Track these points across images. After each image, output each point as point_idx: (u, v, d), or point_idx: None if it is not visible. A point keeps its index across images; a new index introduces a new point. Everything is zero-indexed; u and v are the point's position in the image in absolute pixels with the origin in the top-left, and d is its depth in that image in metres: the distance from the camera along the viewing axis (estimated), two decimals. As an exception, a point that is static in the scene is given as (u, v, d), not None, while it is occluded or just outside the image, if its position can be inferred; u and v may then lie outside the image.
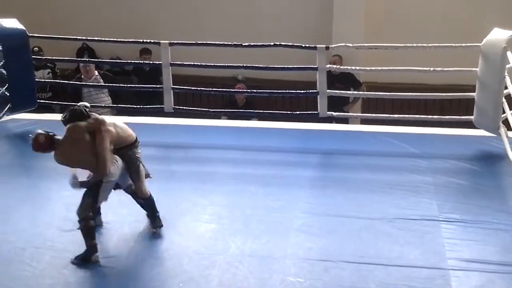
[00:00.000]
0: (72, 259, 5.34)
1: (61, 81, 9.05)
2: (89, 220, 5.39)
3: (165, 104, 8.12)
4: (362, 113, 9.05)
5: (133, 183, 5.72)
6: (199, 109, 8.29)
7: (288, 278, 5.14)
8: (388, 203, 6.16)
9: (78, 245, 5.59)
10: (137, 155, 5.66)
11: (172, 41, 8.02)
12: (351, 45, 7.93)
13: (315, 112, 7.98)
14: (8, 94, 7.84)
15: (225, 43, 8.12)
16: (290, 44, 8.01)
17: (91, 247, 5.36)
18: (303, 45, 7.97)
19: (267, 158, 7.15)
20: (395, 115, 7.87)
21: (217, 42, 8.16)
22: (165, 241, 5.67)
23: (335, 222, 5.90)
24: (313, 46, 7.89)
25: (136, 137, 5.72)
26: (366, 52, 8.96)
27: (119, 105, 8.60)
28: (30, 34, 7.84)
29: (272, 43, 7.98)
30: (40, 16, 9.94)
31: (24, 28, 7.78)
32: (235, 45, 8.09)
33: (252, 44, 8.11)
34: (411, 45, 7.83)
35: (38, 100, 8.12)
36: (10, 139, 7.67)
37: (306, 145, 7.44)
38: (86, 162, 5.37)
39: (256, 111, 8.36)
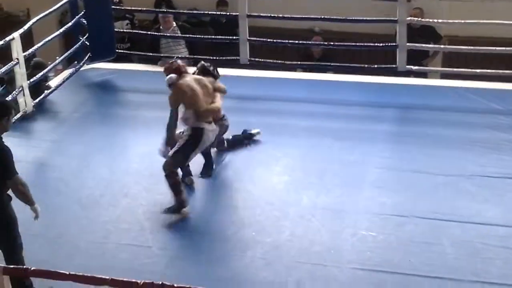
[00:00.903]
0: (164, 210, 5.42)
1: (140, 31, 9.13)
2: (176, 175, 5.47)
3: (241, 55, 8.09)
4: (442, 68, 8.76)
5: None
6: (274, 61, 8.22)
7: (360, 232, 5.12)
8: (467, 160, 6.00)
9: (153, 193, 5.73)
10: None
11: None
12: (433, -4, 7.66)
13: (394, 66, 7.79)
14: (88, 44, 7.97)
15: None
16: (369, -5, 7.81)
17: (181, 202, 5.41)
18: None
19: (343, 111, 7.05)
20: (477, 70, 7.58)
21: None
22: (239, 191, 5.72)
23: (410, 177, 5.80)
24: (394, -3, 7.66)
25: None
26: (448, 4, 8.64)
27: (195, 56, 8.62)
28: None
29: (350, -6, 7.81)
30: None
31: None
32: (314, -3, 7.96)
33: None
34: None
35: (117, 51, 8.22)
36: (89, 88, 7.81)
37: (383, 99, 7.28)
38: (193, 105, 5.50)
39: (332, 63, 8.23)
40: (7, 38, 6.59)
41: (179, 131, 5.65)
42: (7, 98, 6.48)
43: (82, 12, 7.88)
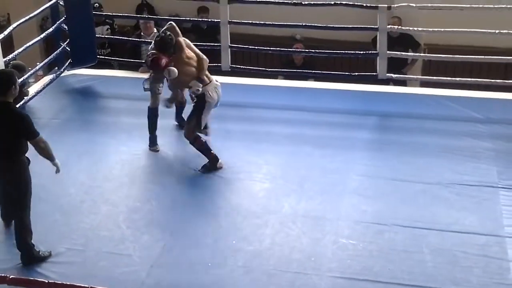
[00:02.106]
0: (198, 170, 6.05)
1: (121, 37, 9.11)
2: (199, 138, 6.08)
3: (222, 62, 8.10)
4: (422, 76, 8.83)
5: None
6: (256, 68, 8.24)
7: (341, 240, 5.14)
8: (445, 168, 6.05)
9: (134, 199, 5.73)
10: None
11: (230, -1, 7.97)
12: (414, 5, 7.72)
13: (374, 73, 7.85)
14: (69, 50, 7.94)
15: (284, 1, 8.01)
16: (351, 3, 7.86)
17: (213, 159, 6.08)
18: (364, 5, 7.80)
19: (324, 119, 7.08)
20: (456, 78, 7.65)
21: (276, 0, 8.06)
22: (219, 199, 5.73)
23: (390, 185, 5.84)
24: (374, 5, 7.72)
25: None
26: (426, 13, 8.72)
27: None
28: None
29: (332, 2, 7.84)
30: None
31: (85, -17, 7.81)
32: (295, 4, 7.98)
33: (311, 3, 7.99)
34: (476, 6, 7.57)
35: (98, 56, 8.20)
36: (69, 94, 7.77)
37: (363, 106, 7.32)
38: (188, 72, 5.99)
39: (313, 71, 8.27)
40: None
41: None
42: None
43: (63, 18, 7.84)
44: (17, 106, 6.83)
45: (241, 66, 8.20)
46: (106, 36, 9.07)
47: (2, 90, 4.74)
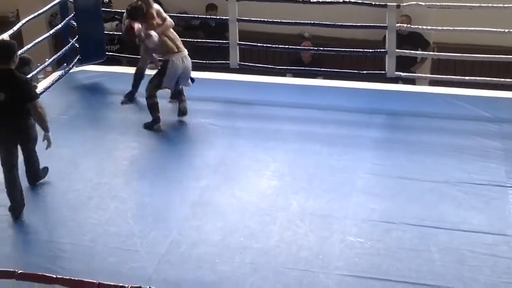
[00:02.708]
0: (143, 125, 6.72)
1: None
2: (154, 97, 6.69)
3: (231, 60, 8.10)
4: (431, 74, 8.80)
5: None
6: (264, 65, 8.24)
7: (348, 238, 5.13)
8: (454, 167, 6.03)
9: (142, 195, 5.74)
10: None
11: (240, -4, 7.97)
12: (423, 3, 7.69)
13: (383, 72, 7.83)
14: (77, 46, 7.94)
15: (293, -2, 8.02)
16: (360, 1, 7.84)
17: (156, 118, 6.71)
18: (373, 3, 7.78)
19: (332, 117, 7.07)
20: (465, 77, 7.62)
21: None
22: (227, 196, 5.72)
23: (398, 184, 5.83)
24: (383, 4, 7.70)
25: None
26: (436, 11, 8.67)
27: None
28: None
29: (340, 0, 7.82)
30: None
31: (95, -21, 7.81)
32: (303, 2, 7.97)
33: (320, 0, 7.97)
34: (486, 5, 7.54)
35: (106, 53, 8.20)
36: (78, 90, 7.78)
37: (372, 105, 7.30)
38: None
39: (322, 69, 8.25)
40: (-4, 38, 6.55)
41: None
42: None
43: (72, 14, 7.85)
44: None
45: (250, 64, 8.20)
46: (115, 33, 9.07)
47: (5, 58, 5.24)
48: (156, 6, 6.96)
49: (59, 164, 6.11)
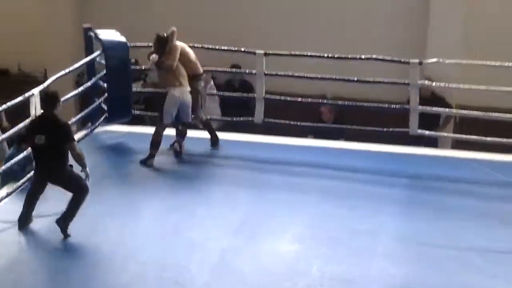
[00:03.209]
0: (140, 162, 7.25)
1: (160, 90, 9.23)
2: (158, 135, 7.29)
3: (256, 114, 8.17)
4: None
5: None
6: (287, 122, 8.30)
7: (369, 305, 5.07)
8: (477, 233, 5.99)
9: (164, 256, 5.73)
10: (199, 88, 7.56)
11: (267, 51, 8.08)
12: (446, 61, 7.73)
13: (406, 129, 7.83)
14: (104, 105, 8.05)
15: (318, 54, 8.10)
16: (382, 57, 7.91)
17: (151, 155, 7.25)
18: (396, 59, 7.85)
19: (354, 179, 7.09)
20: (488, 138, 7.61)
21: (309, 53, 8.15)
22: (248, 259, 5.70)
23: (420, 249, 5.78)
24: (406, 60, 7.76)
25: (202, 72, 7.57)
26: (459, 73, 8.73)
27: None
28: (131, 45, 8.01)
29: (363, 56, 7.90)
30: (134, 26, 10.19)
31: (125, 39, 7.95)
32: (327, 57, 8.07)
33: (343, 56, 8.06)
34: (508, 64, 7.56)
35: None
36: (103, 150, 7.88)
37: (395, 167, 7.32)
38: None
39: (344, 126, 8.29)
40: (27, 94, 6.67)
41: None
42: (18, 157, 6.57)
43: (102, 74, 7.97)
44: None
45: (274, 120, 8.25)
46: (143, 90, 9.18)
47: (51, 105, 5.89)
48: (179, 43, 7.47)
49: (81, 222, 6.14)
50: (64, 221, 5.89)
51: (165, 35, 7.41)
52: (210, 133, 7.80)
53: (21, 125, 6.63)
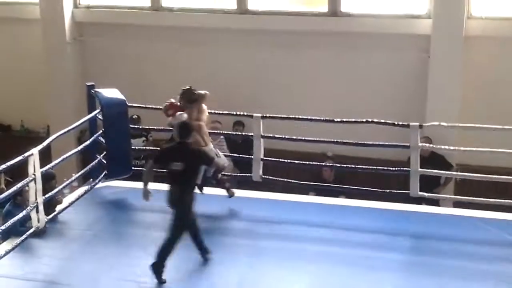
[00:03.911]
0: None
1: (158, 148, 9.27)
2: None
3: (254, 173, 8.20)
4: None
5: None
6: (286, 180, 8.31)
7: None
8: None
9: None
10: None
11: (264, 115, 8.17)
12: (445, 124, 7.80)
13: (406, 191, 7.83)
14: (104, 162, 8.08)
15: (317, 118, 8.18)
16: (383, 121, 7.97)
17: None
18: (396, 123, 7.91)
19: (354, 237, 7.04)
20: (490, 199, 7.60)
21: (308, 117, 8.23)
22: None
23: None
24: (406, 124, 7.82)
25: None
26: (459, 133, 8.80)
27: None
28: (130, 104, 8.12)
29: (364, 120, 7.96)
30: (141, 89, 10.32)
31: (124, 98, 8.06)
32: (327, 121, 8.13)
33: (343, 120, 8.12)
34: (509, 127, 7.61)
35: (133, 168, 8.32)
36: (103, 206, 7.88)
37: (395, 226, 7.27)
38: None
39: (345, 186, 8.30)
40: (26, 154, 6.69)
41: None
42: (18, 214, 6.55)
43: (101, 131, 8.05)
44: (51, 216, 7.03)
45: (272, 177, 8.27)
46: (142, 148, 9.25)
47: (186, 135, 6.31)
48: (204, 106, 7.48)
49: (80, 279, 6.12)
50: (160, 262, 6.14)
51: (197, 92, 7.45)
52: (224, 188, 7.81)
53: (19, 184, 6.61)
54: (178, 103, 7.38)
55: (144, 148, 9.36)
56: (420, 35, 9.64)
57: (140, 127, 9.18)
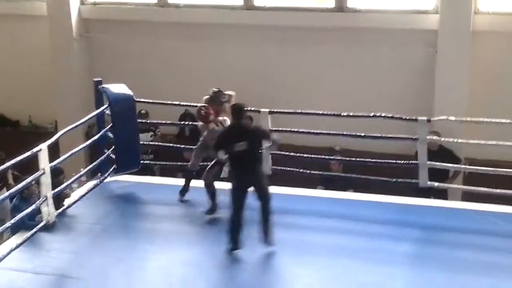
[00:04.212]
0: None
1: (168, 144, 9.33)
2: (213, 185, 7.11)
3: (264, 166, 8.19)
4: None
5: None
6: (294, 169, 8.32)
7: None
8: (488, 285, 5.91)
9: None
10: None
11: (271, 110, 8.16)
12: (453, 118, 7.79)
13: (416, 181, 7.82)
14: (113, 156, 8.11)
15: (324, 112, 8.18)
16: (390, 115, 7.96)
17: (214, 205, 7.15)
18: (404, 117, 7.90)
19: (363, 230, 7.03)
20: (497, 190, 7.59)
21: (315, 112, 8.23)
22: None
23: (431, 302, 5.71)
24: (414, 118, 7.81)
25: None
26: (466, 127, 8.78)
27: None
28: (137, 99, 8.14)
29: (371, 114, 7.96)
30: (148, 85, 10.34)
31: (131, 93, 8.08)
32: (334, 115, 8.12)
33: (351, 114, 8.12)
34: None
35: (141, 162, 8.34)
36: (112, 200, 7.88)
37: (404, 219, 7.26)
38: None
39: (354, 176, 8.30)
40: (35, 149, 6.72)
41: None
42: (25, 208, 6.57)
43: (109, 126, 8.06)
44: (60, 210, 7.06)
45: (281, 168, 8.27)
46: (151, 143, 9.27)
47: (241, 115, 6.47)
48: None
49: (90, 272, 6.13)
50: (269, 235, 6.41)
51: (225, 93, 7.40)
52: None
53: (29, 179, 6.65)
54: (210, 105, 7.26)
55: (156, 143, 9.39)
56: (427, 30, 9.63)
57: (148, 121, 9.20)
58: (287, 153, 8.42)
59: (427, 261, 6.39)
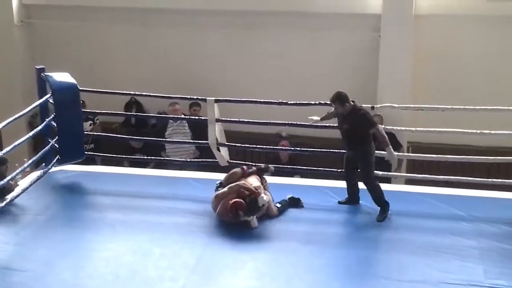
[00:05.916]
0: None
1: (113, 135, 9.27)
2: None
3: (218, 158, 8.17)
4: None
5: None
6: (247, 163, 8.34)
7: None
8: (431, 266, 6.05)
9: (119, 298, 5.64)
10: None
11: (217, 98, 8.15)
12: (396, 105, 7.92)
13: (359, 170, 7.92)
14: (57, 146, 7.99)
15: (270, 100, 8.22)
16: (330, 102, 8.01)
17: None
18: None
19: (310, 215, 7.12)
20: (440, 176, 7.77)
21: (261, 100, 8.26)
22: (204, 297, 5.65)
23: (375, 283, 5.81)
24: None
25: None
26: (410, 113, 8.94)
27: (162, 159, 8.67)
28: (81, 88, 8.03)
29: (316, 102, 8.03)
30: (92, 72, 10.21)
31: (75, 82, 7.96)
32: (280, 103, 8.16)
33: (296, 102, 8.17)
34: (457, 107, 7.77)
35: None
36: (56, 190, 7.77)
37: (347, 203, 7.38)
38: None
39: (299, 167, 8.37)
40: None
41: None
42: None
43: (53, 115, 7.93)
44: (4, 203, 6.93)
45: (235, 161, 8.29)
46: (96, 133, 9.18)
47: (345, 100, 6.95)
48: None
49: (34, 265, 6.04)
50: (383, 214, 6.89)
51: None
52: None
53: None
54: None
55: (99, 133, 9.30)
56: (371, 14, 9.75)
57: (86, 110, 9.09)
58: (234, 144, 8.41)
59: (370, 244, 6.51)
